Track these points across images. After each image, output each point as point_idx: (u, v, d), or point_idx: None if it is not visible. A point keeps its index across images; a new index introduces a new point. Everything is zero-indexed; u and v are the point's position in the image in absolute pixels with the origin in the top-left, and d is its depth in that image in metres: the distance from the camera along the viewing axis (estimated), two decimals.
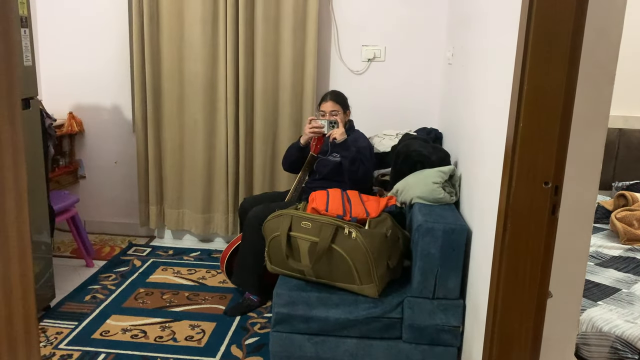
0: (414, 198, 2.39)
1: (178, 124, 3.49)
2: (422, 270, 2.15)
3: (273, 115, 3.41)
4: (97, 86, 3.59)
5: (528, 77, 1.50)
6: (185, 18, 3.33)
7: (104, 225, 3.80)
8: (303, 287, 2.25)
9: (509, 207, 1.57)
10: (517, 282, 1.59)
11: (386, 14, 3.33)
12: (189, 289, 2.99)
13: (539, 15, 1.47)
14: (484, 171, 2.02)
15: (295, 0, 3.22)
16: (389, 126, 3.30)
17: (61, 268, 3.17)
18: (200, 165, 3.49)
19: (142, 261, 3.36)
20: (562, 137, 1.51)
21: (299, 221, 2.24)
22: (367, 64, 3.41)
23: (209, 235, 3.71)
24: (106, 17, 3.49)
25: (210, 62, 3.34)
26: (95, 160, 3.72)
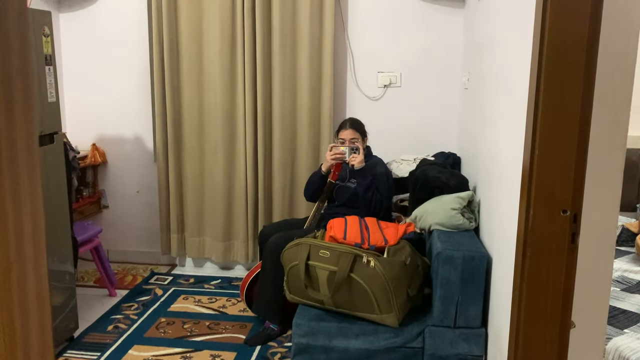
0: (433, 225, 2.37)
1: (198, 153, 3.54)
2: (442, 299, 2.12)
3: (291, 143, 3.44)
4: (119, 118, 3.68)
5: (542, 105, 1.50)
6: (204, 50, 3.40)
7: (127, 254, 3.85)
8: (323, 316, 2.24)
9: (527, 236, 1.55)
10: (538, 313, 1.56)
11: (401, 41, 3.35)
12: (210, 318, 3.00)
13: (552, 41, 1.47)
14: (502, 197, 2.00)
15: (311, 29, 3.28)
16: (407, 151, 3.30)
17: (85, 298, 3.21)
18: (220, 192, 3.53)
19: (163, 290, 3.39)
20: (580, 164, 1.50)
21: (317, 250, 2.25)
22: (383, 90, 3.43)
23: (230, 263, 3.73)
24: (127, 50, 3.59)
25: (229, 92, 3.40)
26: (118, 190, 3.79)
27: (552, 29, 1.47)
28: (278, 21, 3.27)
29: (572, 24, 1.44)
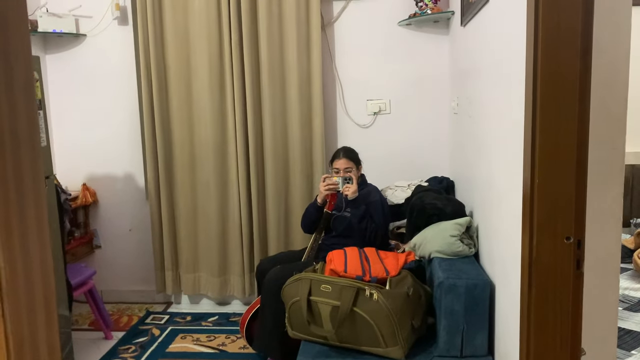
0: (433, 252, 2.36)
1: (190, 189, 3.52)
2: (447, 329, 2.10)
3: (284, 173, 3.43)
4: (109, 156, 3.65)
5: (540, 133, 1.51)
6: (193, 85, 3.41)
7: (121, 294, 3.79)
8: (327, 353, 2.20)
9: (532, 265, 1.55)
10: (547, 341, 1.55)
11: (388, 68, 3.39)
12: (210, 357, 2.94)
13: (545, 66, 1.49)
14: (502, 223, 2.00)
15: (299, 61, 3.30)
16: (400, 177, 3.31)
17: (80, 342, 3.14)
18: (214, 227, 3.50)
19: (160, 329, 3.32)
20: (580, 191, 1.50)
21: (318, 285, 2.22)
22: (373, 118, 3.45)
23: (226, 298, 3.68)
24: (116, 89, 3.58)
25: (220, 127, 3.40)
26: (110, 229, 3.74)
27: (545, 57, 1.49)
28: (266, 54, 3.29)
29: (563, 50, 1.47)
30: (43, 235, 0.75)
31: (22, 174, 0.70)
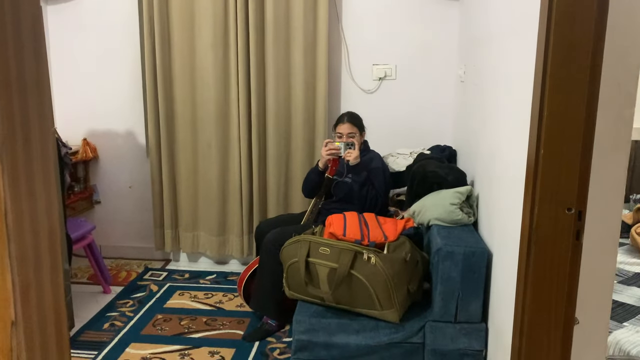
0: (432, 220, 2.37)
1: (191, 148, 3.50)
2: (442, 295, 2.13)
3: (286, 137, 3.42)
4: (110, 112, 3.62)
5: (548, 103, 1.49)
6: (196, 44, 3.35)
7: (120, 250, 3.82)
8: (323, 313, 2.23)
9: (532, 234, 1.56)
10: (542, 310, 1.57)
11: (396, 33, 3.33)
12: (207, 314, 2.99)
13: (557, 37, 1.46)
14: (504, 193, 2.00)
15: (305, 23, 3.24)
16: (403, 144, 3.29)
17: (79, 295, 3.18)
18: (214, 187, 3.50)
19: (158, 286, 3.37)
20: (584, 162, 1.50)
21: (317, 247, 2.24)
22: (378, 83, 3.41)
23: (224, 258, 3.71)
24: (118, 43, 3.52)
25: (222, 86, 3.36)
26: (110, 185, 3.74)
27: (558, 25, 1.46)
28: (272, 14, 3.23)
29: (578, 20, 1.44)
30: (49, 183, 0.74)
31: (29, 120, 0.69)
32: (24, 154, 0.66)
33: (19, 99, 0.67)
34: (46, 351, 0.72)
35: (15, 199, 0.64)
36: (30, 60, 0.69)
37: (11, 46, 0.65)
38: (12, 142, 0.64)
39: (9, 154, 0.64)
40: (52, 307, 0.74)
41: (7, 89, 0.65)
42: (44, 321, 0.72)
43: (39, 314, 0.71)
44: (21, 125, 0.67)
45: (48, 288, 0.74)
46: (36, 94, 0.70)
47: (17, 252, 0.65)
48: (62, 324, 0.75)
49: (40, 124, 0.72)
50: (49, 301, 0.74)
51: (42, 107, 0.70)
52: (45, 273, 0.73)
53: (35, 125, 0.70)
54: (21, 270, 0.66)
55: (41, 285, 0.70)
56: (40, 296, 0.71)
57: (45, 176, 0.70)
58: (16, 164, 0.65)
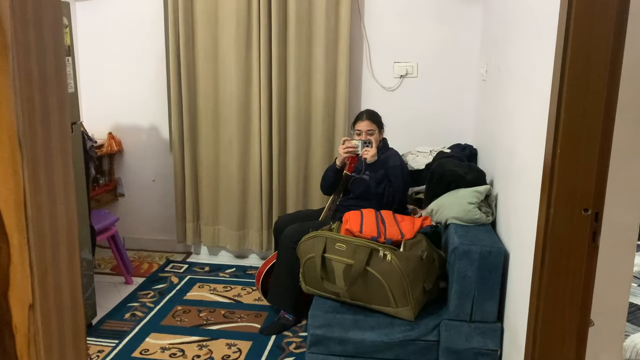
0: (450, 219, 2.37)
1: (213, 143, 3.56)
2: (458, 293, 2.13)
3: (306, 134, 3.44)
4: (135, 107, 3.69)
5: (565, 103, 1.49)
6: (219, 40, 3.40)
7: (143, 242, 3.89)
8: (338, 309, 2.25)
9: (548, 234, 1.55)
10: (557, 311, 1.56)
11: (418, 31, 3.33)
12: (225, 307, 3.03)
13: (576, 38, 1.45)
14: (521, 192, 1.99)
15: (327, 20, 3.26)
16: (423, 143, 3.28)
17: (102, 285, 3.26)
18: (235, 182, 3.55)
19: (179, 278, 3.43)
20: (602, 163, 1.49)
21: (333, 243, 2.26)
22: (399, 81, 3.41)
23: (244, 252, 3.76)
24: (143, 40, 3.59)
25: (244, 82, 3.40)
26: (134, 178, 3.82)
27: (577, 26, 1.45)
28: (294, 11, 3.25)
29: (597, 21, 1.43)
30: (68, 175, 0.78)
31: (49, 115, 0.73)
32: (43, 146, 0.70)
33: (40, 95, 0.71)
34: (62, 334, 0.75)
35: (34, 188, 0.67)
36: (51, 58, 0.72)
37: (33, 45, 0.69)
38: (32, 135, 0.67)
39: (29, 145, 0.67)
40: (68, 293, 0.78)
41: (29, 86, 0.69)
42: (61, 306, 0.75)
43: (55, 298, 0.74)
44: (41, 120, 0.70)
45: (65, 275, 0.77)
46: (55, 90, 0.73)
47: (35, 240, 0.68)
48: (78, 309, 0.78)
49: (59, 118, 0.75)
50: (66, 287, 0.77)
51: (61, 103, 0.73)
52: (62, 260, 0.76)
53: (55, 119, 0.73)
54: (39, 257, 0.69)
55: (58, 271, 0.74)
56: (57, 282, 0.74)
57: (64, 168, 0.73)
58: (36, 155, 0.68)
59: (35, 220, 0.69)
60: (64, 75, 0.72)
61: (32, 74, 0.68)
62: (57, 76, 0.70)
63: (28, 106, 0.67)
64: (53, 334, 0.72)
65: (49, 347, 0.72)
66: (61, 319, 0.74)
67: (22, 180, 0.63)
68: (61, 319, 0.75)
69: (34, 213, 0.66)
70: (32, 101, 0.68)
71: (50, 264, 0.72)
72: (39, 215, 0.70)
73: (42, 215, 0.68)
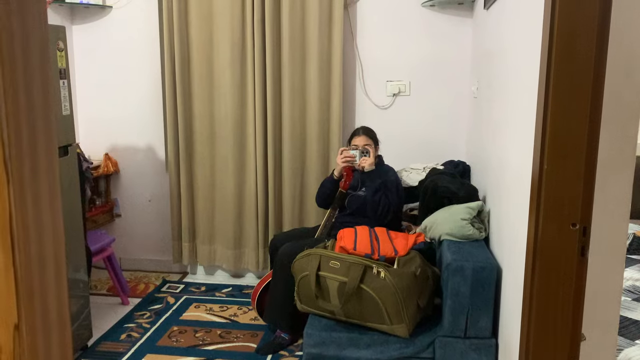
0: (443, 235, 2.38)
1: (209, 163, 3.58)
2: (452, 310, 2.13)
3: (301, 152, 3.47)
4: (131, 128, 3.72)
5: (550, 119, 1.51)
6: (214, 62, 3.44)
7: (139, 262, 3.89)
8: (333, 327, 2.25)
9: (537, 249, 1.56)
10: (548, 326, 1.57)
11: (410, 50, 3.37)
12: (221, 327, 3.03)
13: (560, 54, 1.48)
14: (512, 208, 2.01)
15: (320, 41, 3.30)
16: (416, 160, 3.31)
17: (98, 306, 3.25)
18: (231, 201, 3.56)
19: (175, 298, 3.42)
20: (588, 178, 1.51)
21: (327, 261, 2.26)
22: (392, 99, 3.45)
23: (240, 271, 3.76)
24: (139, 62, 3.64)
25: (240, 103, 3.44)
26: (130, 199, 3.83)
27: (560, 42, 1.48)
28: (287, 32, 3.30)
29: (579, 37, 1.46)
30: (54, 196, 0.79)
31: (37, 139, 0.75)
32: (30, 168, 0.71)
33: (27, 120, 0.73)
34: (49, 355, 0.76)
35: (20, 209, 0.69)
36: (38, 85, 0.74)
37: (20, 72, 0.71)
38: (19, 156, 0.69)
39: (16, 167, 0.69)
40: (56, 313, 0.79)
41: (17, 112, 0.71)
42: (48, 326, 0.76)
43: (42, 319, 0.75)
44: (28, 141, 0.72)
45: (53, 295, 0.78)
46: (43, 114, 0.75)
47: (21, 261, 0.69)
48: (66, 330, 0.79)
49: (46, 140, 0.77)
50: (53, 308, 0.78)
51: (48, 127, 0.75)
52: (50, 281, 0.77)
53: (42, 142, 0.75)
54: (26, 277, 0.70)
55: (45, 292, 0.75)
56: (44, 302, 0.75)
57: (50, 189, 0.75)
58: (22, 176, 0.70)
59: (21, 240, 0.70)
60: (52, 99, 0.74)
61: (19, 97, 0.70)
62: (44, 101, 0.72)
63: (15, 128, 0.69)
64: (39, 354, 0.73)
65: None
66: (48, 340, 0.75)
67: (7, 201, 0.65)
68: (48, 339, 0.76)
69: (20, 234, 0.67)
70: (19, 123, 0.70)
71: (37, 284, 0.74)
72: (25, 236, 0.72)
73: (28, 236, 0.70)
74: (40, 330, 0.73)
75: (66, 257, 0.85)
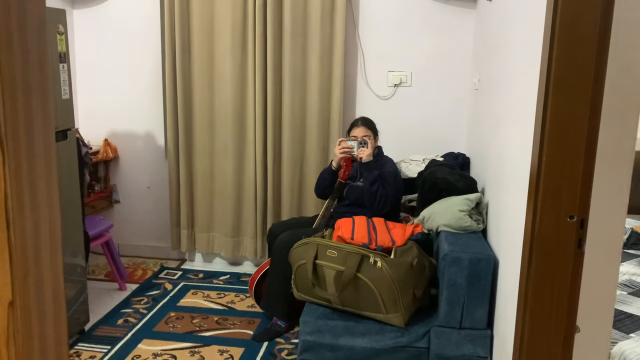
0: (441, 226, 2.38)
1: (208, 150, 3.57)
2: (448, 300, 2.14)
3: (301, 142, 3.46)
4: (131, 114, 3.71)
5: (550, 110, 1.51)
6: (215, 49, 3.43)
7: (137, 249, 3.90)
8: (329, 315, 2.26)
9: (534, 241, 1.57)
10: (543, 318, 1.58)
11: (412, 40, 3.36)
12: (218, 313, 3.04)
13: (561, 47, 1.48)
14: (510, 200, 2.01)
15: (322, 29, 3.29)
16: (416, 151, 3.31)
17: (95, 291, 3.26)
18: (230, 190, 3.56)
19: (173, 284, 3.43)
20: (587, 171, 1.51)
21: (324, 250, 2.27)
22: (393, 90, 3.43)
23: (238, 259, 3.76)
24: (140, 47, 3.62)
25: (240, 91, 3.43)
26: (129, 185, 3.83)
27: (562, 35, 1.47)
28: (289, 21, 3.29)
29: (582, 29, 1.45)
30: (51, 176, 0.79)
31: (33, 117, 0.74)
32: (26, 147, 0.71)
33: (24, 99, 0.72)
34: (43, 333, 0.76)
35: (16, 187, 0.69)
36: (35, 63, 0.74)
37: (18, 51, 0.70)
38: (15, 135, 0.69)
39: (12, 145, 0.69)
40: (51, 293, 0.79)
41: (13, 90, 0.70)
42: (42, 305, 0.77)
43: (37, 298, 0.75)
44: (24, 121, 0.72)
45: (48, 275, 0.78)
46: (39, 94, 0.75)
47: (16, 239, 0.69)
48: (60, 308, 0.80)
49: (43, 121, 0.76)
50: (48, 287, 0.78)
51: (45, 107, 0.75)
52: (45, 261, 0.77)
53: (39, 122, 0.75)
54: (21, 256, 0.70)
55: (40, 271, 0.75)
56: (39, 282, 0.75)
57: (47, 169, 0.75)
58: (18, 155, 0.70)
59: (17, 219, 0.70)
60: (49, 80, 0.74)
61: (15, 78, 0.70)
62: (41, 80, 0.72)
63: (11, 108, 0.68)
64: (33, 332, 0.73)
65: (29, 345, 0.73)
66: (42, 318, 0.76)
67: (3, 179, 0.65)
68: (42, 318, 0.76)
69: (15, 212, 0.67)
70: (15, 103, 0.70)
71: (32, 263, 0.74)
72: (21, 214, 0.72)
73: (24, 214, 0.70)
74: (34, 308, 0.73)
75: (64, 242, 0.85)
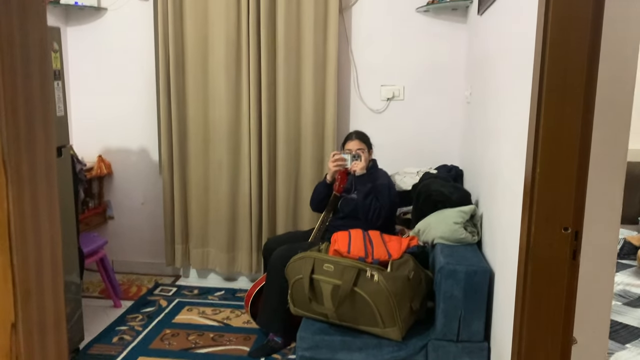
0: (436, 238, 2.39)
1: (203, 166, 3.58)
2: (445, 313, 2.14)
3: (295, 156, 3.47)
4: (125, 130, 3.72)
5: (543, 123, 1.53)
6: (209, 65, 3.45)
7: (131, 265, 3.88)
8: (326, 330, 2.26)
9: (529, 253, 1.58)
10: (539, 329, 1.58)
11: (404, 54, 3.39)
12: (214, 330, 3.02)
13: (552, 60, 1.50)
14: (504, 212, 2.03)
15: (315, 44, 3.32)
16: (410, 164, 3.33)
17: (90, 309, 3.23)
18: (225, 205, 3.56)
19: (168, 301, 3.41)
20: (580, 182, 1.52)
21: (321, 264, 2.27)
22: (386, 103, 3.46)
23: (233, 274, 3.75)
24: (134, 64, 3.63)
25: (234, 106, 3.44)
26: (123, 201, 3.82)
27: (553, 48, 1.50)
28: (282, 36, 3.31)
29: (572, 43, 1.48)
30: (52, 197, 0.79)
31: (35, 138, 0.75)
32: (28, 169, 0.72)
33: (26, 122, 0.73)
34: (45, 354, 0.76)
35: (18, 210, 0.69)
36: (37, 84, 0.74)
37: (20, 71, 0.71)
38: (17, 157, 0.69)
39: (14, 168, 0.69)
40: (52, 314, 0.79)
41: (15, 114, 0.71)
42: (44, 326, 0.77)
43: (39, 319, 0.75)
44: (26, 143, 0.72)
45: (49, 296, 0.78)
46: (42, 116, 0.75)
47: (19, 261, 0.69)
48: (61, 330, 0.80)
49: (45, 142, 0.77)
50: (50, 308, 0.78)
51: (47, 129, 0.75)
52: (46, 281, 0.78)
53: (41, 143, 0.76)
54: (23, 277, 0.71)
55: (42, 292, 0.75)
56: (40, 303, 0.75)
57: (48, 191, 0.75)
58: (21, 178, 0.70)
59: (19, 241, 0.70)
60: (50, 100, 0.75)
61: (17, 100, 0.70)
62: (43, 103, 0.72)
63: (13, 129, 0.69)
64: (36, 353, 0.73)
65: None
66: (44, 339, 0.76)
67: (6, 202, 0.65)
68: (44, 339, 0.76)
69: (17, 235, 0.68)
70: (18, 124, 0.70)
71: (34, 284, 0.74)
72: (23, 237, 0.72)
73: (26, 237, 0.70)
74: (36, 330, 0.73)
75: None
